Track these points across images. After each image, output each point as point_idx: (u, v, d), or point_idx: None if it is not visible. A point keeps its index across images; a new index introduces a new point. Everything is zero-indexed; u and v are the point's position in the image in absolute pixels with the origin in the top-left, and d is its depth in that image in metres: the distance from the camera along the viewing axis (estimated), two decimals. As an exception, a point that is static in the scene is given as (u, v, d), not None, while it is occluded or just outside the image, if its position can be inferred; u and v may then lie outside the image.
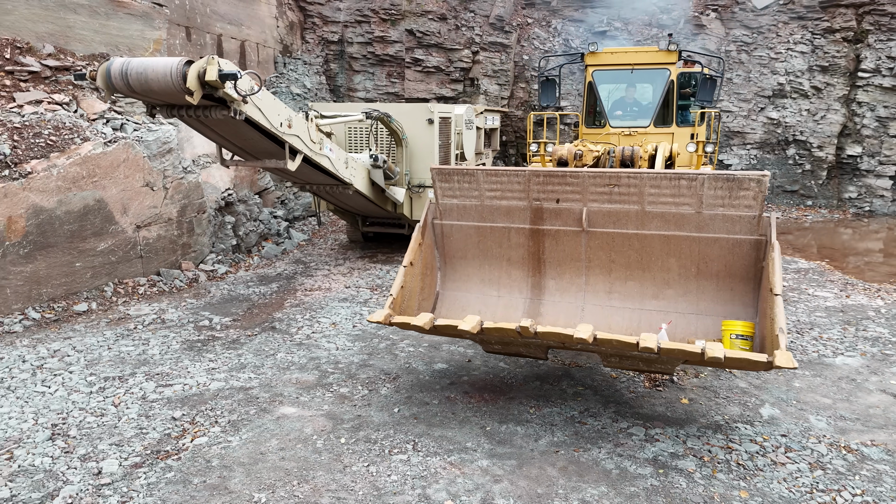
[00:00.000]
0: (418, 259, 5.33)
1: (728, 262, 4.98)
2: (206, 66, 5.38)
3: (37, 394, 5.06)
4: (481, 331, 4.27)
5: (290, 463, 4.04)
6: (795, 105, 16.38)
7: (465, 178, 5.40)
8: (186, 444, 4.29)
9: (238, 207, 10.44)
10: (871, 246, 13.70)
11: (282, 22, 16.39)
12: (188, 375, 5.48)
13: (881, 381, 5.56)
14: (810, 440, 4.49)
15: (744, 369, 4.23)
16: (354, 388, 5.23)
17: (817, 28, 16.00)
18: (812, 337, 6.70)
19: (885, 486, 3.91)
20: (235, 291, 8.34)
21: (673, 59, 9.72)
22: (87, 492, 3.74)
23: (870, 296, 8.49)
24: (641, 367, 4.57)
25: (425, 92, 17.12)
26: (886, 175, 16.09)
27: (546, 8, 17.59)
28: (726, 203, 4.80)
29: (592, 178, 5.04)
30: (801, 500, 3.75)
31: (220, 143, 7.11)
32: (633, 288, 5.34)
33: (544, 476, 3.92)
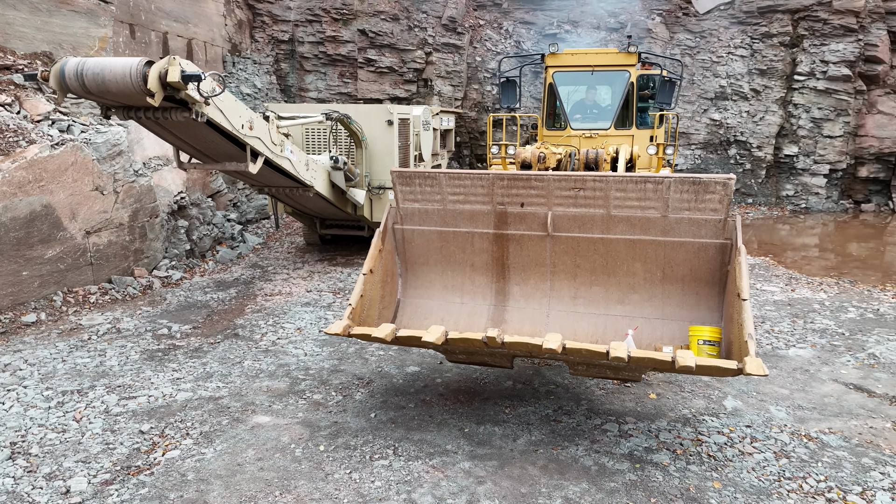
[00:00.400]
0: (378, 266, 5.17)
1: (694, 266, 4.95)
2: (167, 67, 5.22)
3: (-11, 411, 4.81)
4: (446, 341, 4.14)
5: (269, 473, 3.97)
6: (736, 107, 17.04)
7: (426, 181, 5.23)
8: (158, 459, 4.15)
9: (191, 211, 10.15)
10: (808, 241, 14.40)
11: (230, 20, 16.01)
12: (152, 387, 5.31)
13: (832, 370, 5.85)
14: (773, 430, 4.69)
15: (714, 376, 4.24)
16: (328, 394, 5.17)
17: (756, 33, 16.69)
18: (765, 330, 6.99)
19: (845, 472, 4.12)
20: (193, 298, 8.11)
21: (633, 61, 9.78)
22: (59, 512, 3.58)
23: (813, 289, 8.92)
24: (609, 375, 4.53)
25: (378, 92, 17.04)
26: (821, 174, 16.92)
27: (497, 10, 17.76)
28: (692, 207, 4.75)
29: (557, 181, 4.94)
30: (771, 489, 3.92)
31: (177, 145, 6.90)
32: (599, 293, 5.27)
33: (526, 475, 3.97)
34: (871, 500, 3.81)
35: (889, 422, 4.86)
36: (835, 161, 16.70)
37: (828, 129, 16.53)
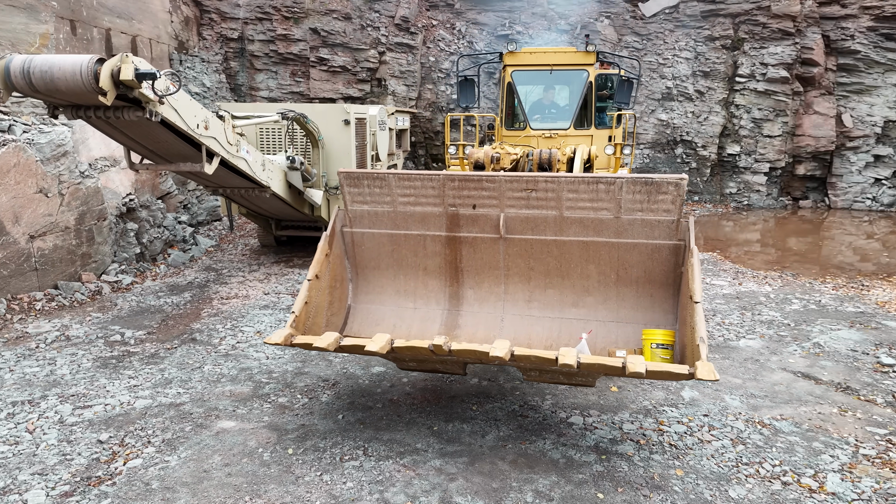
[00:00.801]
0: (325, 271, 4.98)
1: (647, 268, 4.89)
2: (120, 65, 5.06)
3: (-68, 425, 4.57)
4: (392, 350, 4.01)
5: (237, 479, 3.90)
6: (682, 107, 17.58)
7: (375, 182, 5.08)
8: (119, 468, 4.02)
9: (141, 213, 9.85)
10: (751, 237, 14.97)
11: (176, 17, 15.58)
12: (108, 395, 5.14)
13: (781, 360, 6.12)
14: (728, 418, 4.88)
15: (666, 380, 4.22)
16: (293, 396, 5.11)
17: (699, 36, 17.25)
18: (716, 323, 7.25)
19: (798, 456, 4.32)
20: (145, 303, 7.88)
21: (591, 60, 9.71)
22: (13, 529, 3.44)
23: (759, 283, 9.30)
24: (563, 381, 4.47)
25: (332, 92, 16.87)
26: (761, 172, 17.62)
27: (450, 10, 17.83)
28: (645, 207, 4.68)
29: (509, 182, 4.85)
30: (730, 474, 4.08)
31: (128, 145, 6.68)
32: (553, 296, 5.20)
33: (497, 470, 4.02)
34: (822, 481, 4.00)
35: (836, 407, 5.12)
36: (774, 160, 17.42)
37: (767, 128, 17.22)
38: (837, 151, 17.50)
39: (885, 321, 7.33)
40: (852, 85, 17.27)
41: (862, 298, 8.51)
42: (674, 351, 4.55)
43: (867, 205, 17.48)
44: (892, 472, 4.11)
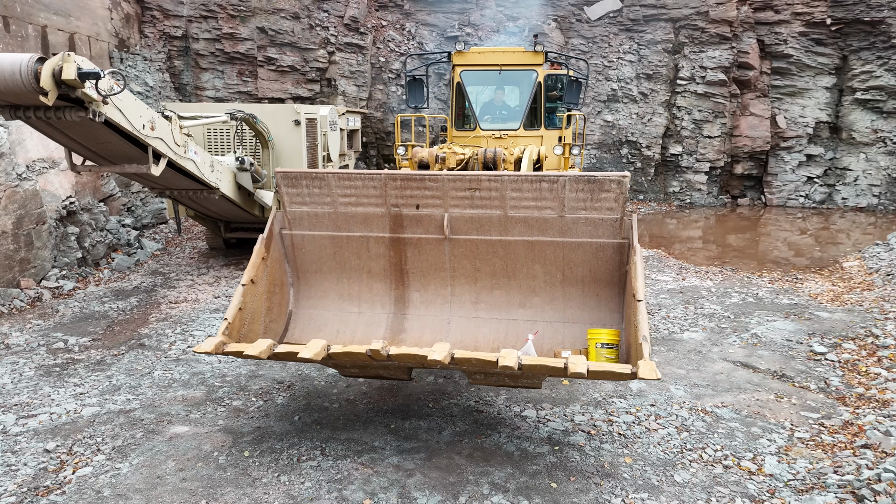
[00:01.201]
0: (262, 275, 4.79)
1: (593, 268, 4.85)
2: (61, 64, 4.92)
3: None
4: (329, 356, 3.86)
5: (193, 483, 3.86)
6: (626, 109, 18.08)
7: (314, 182, 4.91)
8: (68, 477, 3.93)
9: (82, 217, 9.54)
10: (693, 234, 15.52)
11: (116, 14, 15.11)
12: (53, 403, 4.99)
13: (721, 351, 6.41)
14: (673, 407, 5.09)
15: (609, 380, 4.19)
16: (248, 400, 5.07)
17: (642, 39, 17.77)
18: (661, 316, 7.53)
19: (738, 441, 4.55)
20: (89, 309, 7.65)
21: (540, 61, 9.66)
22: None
23: (701, 278, 9.67)
24: (508, 383, 4.38)
25: (280, 92, 16.66)
26: (702, 171, 18.28)
27: (399, 11, 17.85)
28: (588, 206, 4.65)
29: (452, 181, 4.75)
30: (675, 460, 4.27)
31: (70, 146, 6.48)
32: (500, 297, 5.11)
33: (453, 465, 4.10)
34: (760, 464, 4.23)
35: (772, 394, 5.40)
36: (714, 159, 18.10)
37: (707, 129, 17.88)
38: (772, 151, 18.31)
39: (816, 312, 7.74)
40: (785, 88, 18.10)
41: (796, 291, 8.96)
42: (619, 350, 4.55)
43: (800, 202, 18.35)
44: (824, 454, 4.38)
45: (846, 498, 3.70)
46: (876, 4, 16.68)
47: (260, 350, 3.84)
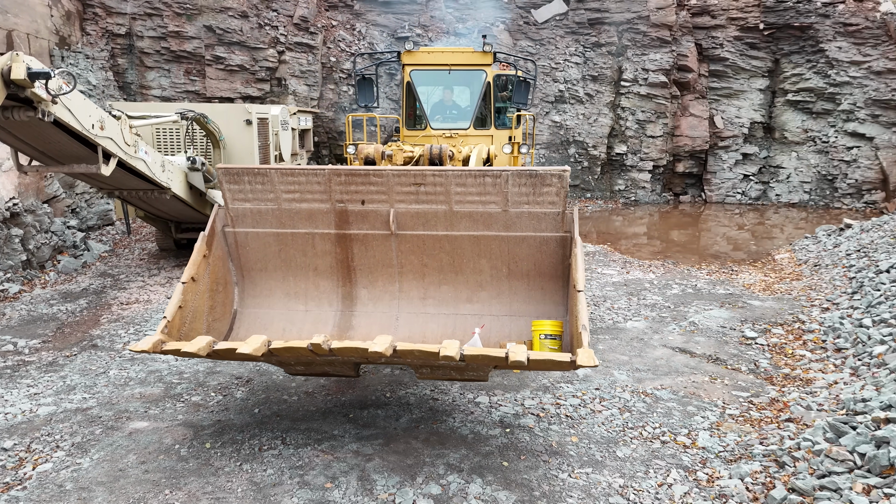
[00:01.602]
0: (204, 274, 4.69)
1: (537, 261, 4.89)
2: (10, 64, 4.91)
3: None
4: (269, 353, 3.76)
5: (155, 475, 3.94)
6: (573, 110, 18.60)
7: (257, 178, 4.80)
8: (28, 473, 3.95)
9: (26, 218, 9.32)
10: (638, 230, 16.11)
11: (56, 11, 14.70)
12: (7, 404, 4.96)
13: (662, 338, 6.79)
14: (617, 390, 5.41)
15: (549, 370, 4.23)
16: (207, 395, 5.15)
17: (587, 42, 18.32)
18: (606, 307, 7.89)
19: (675, 419, 4.90)
20: (37, 311, 7.53)
21: (488, 61, 9.76)
22: (-85, 540, 3.34)
23: (644, 271, 10.13)
24: (455, 377, 4.37)
25: (230, 91, 16.50)
26: (646, 170, 18.96)
27: (349, 11, 17.91)
28: (531, 200, 4.67)
29: (397, 176, 4.71)
30: (618, 437, 4.58)
31: (16, 146, 6.39)
32: (448, 292, 5.10)
33: (410, 449, 4.30)
34: (694, 438, 4.58)
35: (707, 376, 5.79)
36: (657, 158, 18.80)
37: (650, 129, 18.56)
38: (711, 150, 19.15)
39: (749, 301, 8.25)
40: (722, 89, 18.95)
41: (731, 282, 9.49)
42: (562, 340, 4.59)
43: (738, 199, 19.25)
44: (751, 428, 4.75)
45: (769, 465, 4.05)
46: (805, 11, 17.65)
47: (199, 347, 3.76)
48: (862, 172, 17.94)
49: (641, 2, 17.76)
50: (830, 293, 8.14)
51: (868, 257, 9.06)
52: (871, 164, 17.85)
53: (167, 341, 3.98)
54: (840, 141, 18.19)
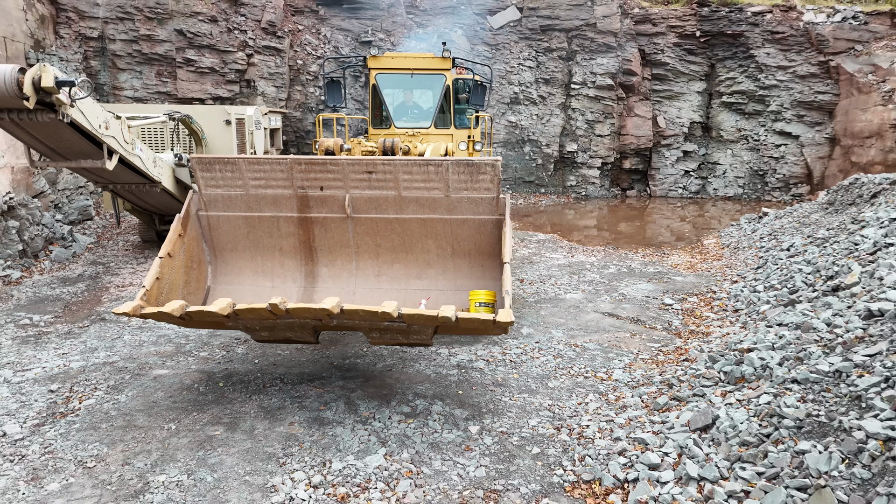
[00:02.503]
0: (179, 251, 5.19)
1: (476, 241, 5.40)
2: (40, 73, 5.80)
3: None
4: (234, 314, 4.20)
5: (182, 404, 4.94)
6: (528, 110, 19.87)
7: (227, 167, 5.28)
8: (77, 407, 4.90)
9: (20, 212, 10.05)
10: (588, 223, 17.44)
11: (31, 15, 15.26)
12: (41, 361, 5.86)
13: (595, 306, 8.01)
14: (553, 343, 6.59)
15: (477, 330, 4.61)
16: (213, 351, 6.14)
17: (540, 47, 19.60)
18: (551, 283, 9.09)
19: (597, 362, 6.09)
20: (42, 293, 8.34)
21: (448, 66, 10.59)
22: (5, 449, 4.27)
23: (587, 255, 11.39)
24: (402, 340, 4.75)
25: (200, 92, 17.24)
26: (595, 166, 20.35)
27: (315, 16, 18.81)
28: (469, 187, 5.18)
29: (351, 165, 5.19)
30: (550, 374, 5.74)
31: (31, 144, 7.23)
32: (399, 270, 5.60)
33: (385, 384, 5.38)
34: (610, 374, 5.76)
35: (628, 333, 7.01)
36: (605, 156, 20.21)
37: (598, 129, 19.96)
38: (654, 148, 20.66)
39: (673, 277, 9.56)
40: (664, 92, 20.47)
41: (661, 262, 10.83)
42: (495, 308, 5.10)
43: (679, 193, 20.81)
44: (655, 366, 5.97)
45: (663, 389, 5.26)
46: (736, 20, 19.27)
47: (173, 309, 4.22)
48: (789, 168, 19.68)
49: (588, 10, 19.12)
50: (741, 269, 9.51)
51: (776, 239, 10.49)
52: (797, 160, 19.59)
53: (145, 306, 4.46)
54: (769, 139, 19.89)
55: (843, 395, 3.62)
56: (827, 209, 10.50)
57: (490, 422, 4.76)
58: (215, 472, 3.99)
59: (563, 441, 4.49)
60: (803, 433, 3.50)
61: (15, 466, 4.05)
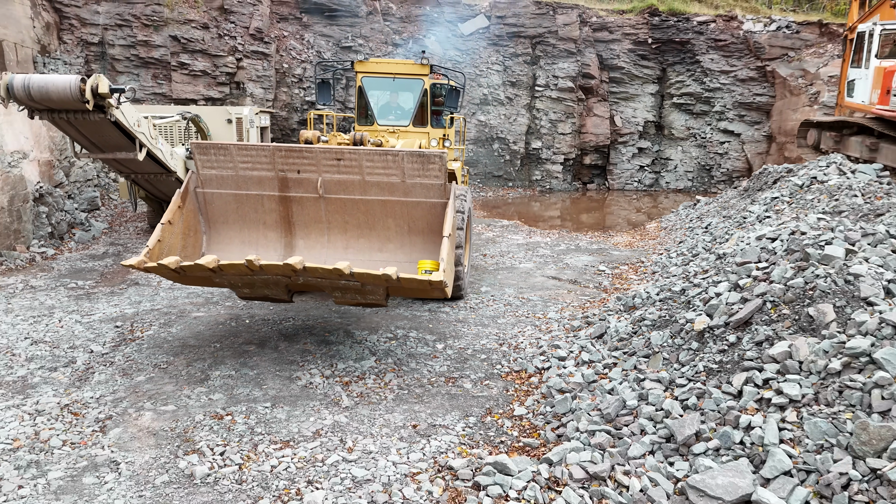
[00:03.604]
0: (178, 220, 6.02)
1: (429, 221, 6.07)
2: (97, 82, 7.34)
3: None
4: (220, 268, 4.91)
5: (221, 332, 6.56)
6: (496, 111, 21.62)
7: (220, 151, 6.09)
8: (140, 336, 6.49)
9: (48, 199, 11.50)
10: (552, 213, 19.24)
11: (38, 22, 16.59)
12: (99, 310, 7.41)
13: (542, 272, 9.77)
14: (505, 296, 8.31)
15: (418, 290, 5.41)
16: (236, 301, 7.75)
17: (506, 52, 21.37)
18: (509, 257, 10.83)
19: (537, 308, 7.81)
20: (77, 266, 9.84)
21: (426, 72, 11.87)
22: (93, 359, 5.85)
23: (543, 237, 13.16)
24: (360, 300, 5.54)
25: (193, 93, 18.66)
26: (558, 162, 22.19)
27: (299, 23, 20.34)
28: (421, 174, 5.88)
29: (323, 152, 5.95)
30: (499, 315, 7.45)
31: (76, 138, 8.73)
32: (364, 244, 6.35)
33: (373, 321, 7.04)
34: (546, 314, 7.50)
35: (566, 290, 8.76)
36: (567, 152, 22.06)
37: (561, 128, 21.79)
38: (612, 145, 22.57)
39: (612, 252, 11.37)
40: (620, 93, 22.39)
41: (605, 241, 12.64)
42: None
43: (635, 186, 22.75)
44: (581, 310, 7.71)
45: (583, 326, 7.01)
46: (683, 28, 21.24)
47: (170, 262, 5.08)
48: (732, 163, 21.72)
49: (551, 19, 20.93)
50: (668, 245, 11.35)
51: (701, 220, 12.37)
52: (738, 155, 21.64)
53: (147, 261, 5.34)
54: (715, 137, 21.92)
55: (682, 303, 5.39)
56: (743, 195, 12.41)
57: (451, 342, 6.47)
58: (254, 370, 5.63)
59: (503, 351, 6.22)
60: (655, 327, 5.27)
61: (108, 368, 5.64)
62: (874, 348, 3.42)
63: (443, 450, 4.35)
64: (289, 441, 4.46)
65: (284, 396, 5.13)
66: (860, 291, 3.88)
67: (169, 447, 4.34)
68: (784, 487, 3.11)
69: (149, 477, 4.00)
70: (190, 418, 4.72)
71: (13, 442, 4.35)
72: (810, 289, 4.13)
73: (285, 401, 5.06)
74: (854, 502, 2.90)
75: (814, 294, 4.07)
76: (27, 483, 3.91)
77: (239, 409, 4.88)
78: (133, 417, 4.72)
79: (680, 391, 4.14)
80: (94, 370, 5.59)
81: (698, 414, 3.81)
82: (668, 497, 3.40)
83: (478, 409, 5.02)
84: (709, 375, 4.15)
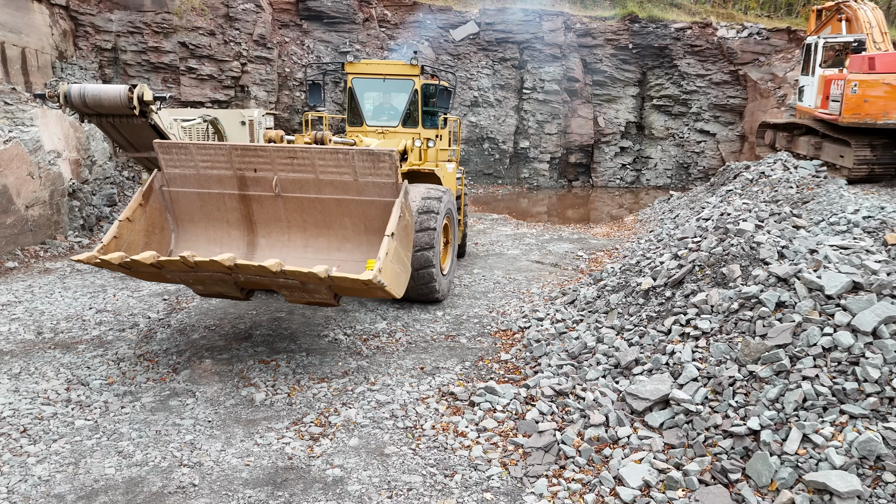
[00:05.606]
0: (140, 217, 5.96)
1: (384, 220, 5.82)
2: (143, 91, 8.52)
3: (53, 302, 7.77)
4: (160, 264, 4.93)
5: (256, 302, 7.75)
6: (486, 112, 22.87)
7: (181, 151, 6.07)
8: (185, 306, 7.68)
9: (79, 195, 12.64)
10: (539, 209, 20.50)
11: (56, 30, 17.66)
12: (145, 286, 8.57)
13: (527, 257, 11.03)
14: (494, 276, 9.55)
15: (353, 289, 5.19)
16: (261, 280, 8.94)
17: (495, 57, 22.62)
18: (498, 245, 12.09)
19: (521, 285, 9.06)
20: (111, 253, 10.99)
21: (416, 73, 11.73)
22: (153, 323, 7.03)
23: (529, 228, 14.44)
24: (308, 299, 5.41)
25: (200, 96, 19.78)
26: (545, 161, 23.47)
27: (299, 30, 21.50)
28: (373, 173, 5.70)
29: (277, 151, 5.83)
30: (488, 291, 8.69)
31: (116, 139, 9.87)
32: (323, 243, 6.22)
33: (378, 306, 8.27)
34: (529, 290, 8.74)
35: (547, 271, 10.02)
36: (553, 151, 23.35)
37: (547, 128, 23.08)
38: (596, 145, 23.88)
39: (591, 241, 12.65)
40: (603, 95, 23.70)
41: (586, 232, 13.93)
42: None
43: (617, 183, 24.07)
44: (559, 286, 8.96)
45: (559, 296, 8.26)
46: (662, 35, 22.57)
47: (113, 258, 5.10)
48: (708, 161, 23.09)
49: (537, 25, 22.20)
50: (641, 234, 12.65)
51: (672, 212, 13.67)
52: (714, 154, 23.01)
53: (98, 258, 5.29)
54: (692, 137, 23.28)
55: (637, 272, 6.66)
56: (709, 189, 13.73)
57: (449, 311, 7.71)
58: (289, 329, 6.85)
59: (493, 316, 7.47)
60: (614, 291, 6.53)
61: (167, 330, 6.84)
62: (762, 293, 4.69)
63: (445, 383, 5.59)
64: (323, 378, 5.68)
65: (315, 349, 6.35)
66: (759, 254, 5.15)
67: (231, 382, 5.55)
68: (691, 388, 4.37)
69: (219, 400, 5.21)
70: (243, 363, 5.93)
71: (107, 379, 5.55)
72: (726, 254, 5.39)
73: (317, 351, 6.28)
74: (736, 393, 4.17)
75: (728, 258, 5.34)
76: (127, 405, 5.11)
77: (281, 357, 6.09)
78: (197, 363, 5.92)
79: (627, 333, 5.40)
80: (155, 331, 6.79)
81: (638, 347, 5.08)
82: (613, 403, 4.66)
83: (472, 356, 6.27)
84: (649, 321, 5.41)
